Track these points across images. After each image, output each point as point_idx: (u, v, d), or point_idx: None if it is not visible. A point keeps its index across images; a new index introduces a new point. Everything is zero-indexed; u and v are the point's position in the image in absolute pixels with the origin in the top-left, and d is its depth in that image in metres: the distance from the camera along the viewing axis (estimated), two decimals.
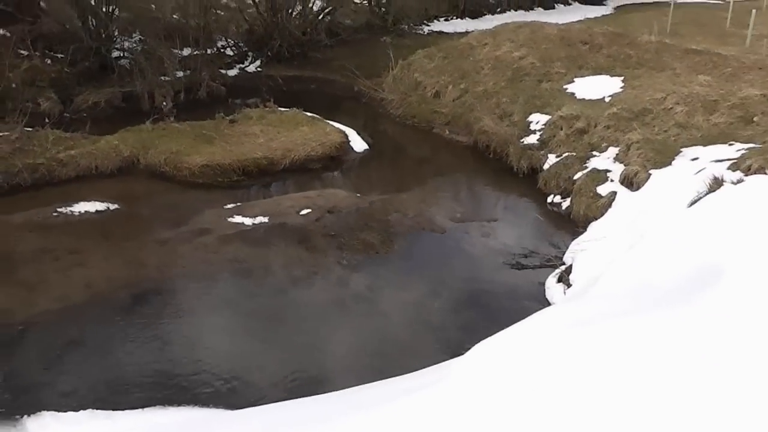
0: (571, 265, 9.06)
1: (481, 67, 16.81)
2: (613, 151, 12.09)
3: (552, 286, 8.98)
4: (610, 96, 14.22)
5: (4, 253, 9.87)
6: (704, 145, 10.80)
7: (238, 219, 11.06)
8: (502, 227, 11.35)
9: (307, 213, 11.32)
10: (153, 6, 19.04)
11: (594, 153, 12.35)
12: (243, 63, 21.53)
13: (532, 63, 16.23)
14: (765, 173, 8.64)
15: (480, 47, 17.78)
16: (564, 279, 8.87)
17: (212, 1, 20.30)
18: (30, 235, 10.48)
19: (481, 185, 13.17)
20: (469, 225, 11.41)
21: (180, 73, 18.99)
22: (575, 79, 15.49)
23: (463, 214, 11.77)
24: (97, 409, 6.76)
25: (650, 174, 10.63)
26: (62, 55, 17.76)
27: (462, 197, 12.53)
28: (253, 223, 10.93)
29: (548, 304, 8.75)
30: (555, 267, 9.77)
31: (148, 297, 8.87)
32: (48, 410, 6.64)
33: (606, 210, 10.79)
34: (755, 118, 11.16)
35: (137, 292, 8.95)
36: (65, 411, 6.67)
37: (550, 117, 14.03)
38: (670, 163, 10.62)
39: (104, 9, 17.42)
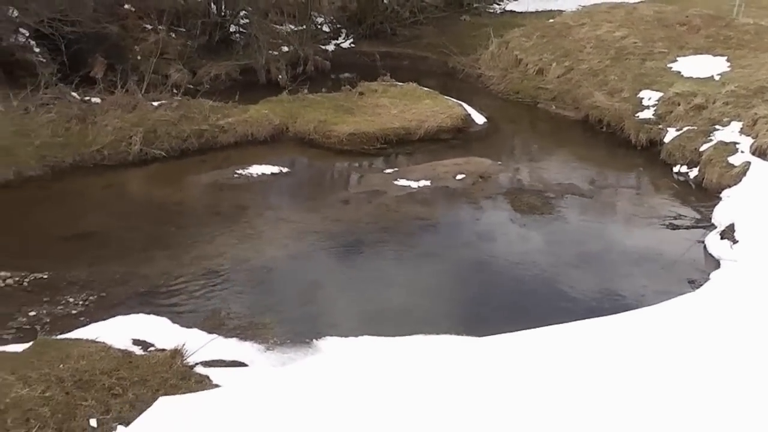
0: (732, 224, 10.13)
1: (583, 46, 17.76)
2: (736, 125, 13.08)
3: (715, 243, 10.04)
4: (719, 74, 15.20)
5: (213, 209, 11.02)
6: None
7: (403, 182, 12.15)
8: (642, 193, 12.44)
9: (463, 178, 12.41)
10: None
11: (716, 127, 13.34)
12: (337, 39, 22.55)
13: (634, 42, 17.18)
14: None
15: (577, 27, 18.72)
16: (728, 236, 9.95)
17: None
18: (223, 194, 11.63)
19: (606, 156, 14.19)
20: (610, 190, 12.51)
21: (285, 48, 20.04)
22: (678, 59, 16.45)
23: (600, 181, 12.84)
24: (363, 335, 7.85)
25: None
26: (183, 30, 18.75)
27: (593, 166, 13.55)
28: (419, 186, 12.01)
29: (713, 258, 9.85)
30: (705, 228, 10.82)
31: (356, 247, 9.97)
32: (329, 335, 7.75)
33: (740, 178, 11.81)
34: None
35: (346, 242, 10.05)
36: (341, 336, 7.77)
37: (662, 94, 15.00)
38: None
39: None
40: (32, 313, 7.95)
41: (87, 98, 14.25)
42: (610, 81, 16.26)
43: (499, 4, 27.05)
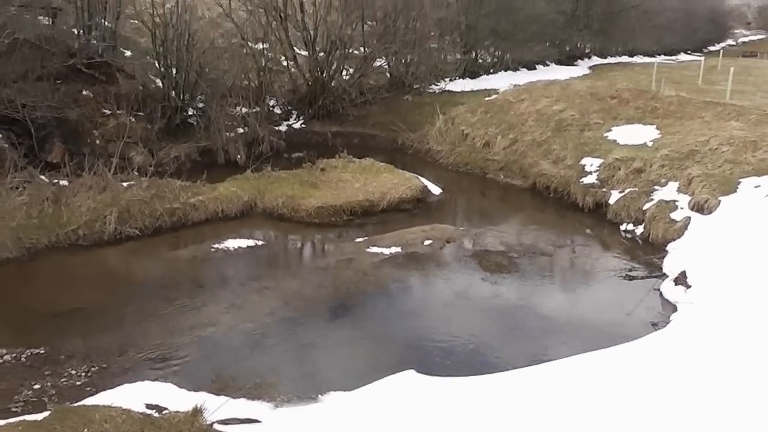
0: (684, 271, 11.11)
1: (525, 119, 19.13)
2: (673, 185, 14.35)
3: (670, 290, 10.97)
4: (651, 141, 16.65)
5: (196, 282, 11.36)
6: (759, 176, 13.18)
7: (375, 249, 12.76)
8: (596, 250, 13.42)
9: (431, 243, 13.14)
10: (215, 69, 20.66)
11: (656, 187, 14.59)
12: (288, 120, 23.47)
13: (572, 115, 18.64)
14: None
15: (518, 102, 20.16)
16: (681, 282, 10.90)
17: (267, 63, 22.20)
18: (204, 267, 11.99)
19: (557, 219, 15.22)
20: (567, 249, 13.44)
21: (240, 130, 20.76)
22: (613, 128, 17.93)
23: (556, 241, 13.77)
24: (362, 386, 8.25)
25: (719, 200, 12.88)
26: (142, 114, 19.25)
27: (547, 228, 14.51)
28: (390, 253, 12.64)
29: (669, 303, 10.76)
30: (657, 277, 11.78)
31: (341, 309, 10.46)
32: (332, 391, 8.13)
33: (683, 232, 12.93)
34: None
35: (331, 306, 10.54)
36: (345, 390, 8.16)
37: (603, 160, 16.30)
38: (735, 191, 12.93)
39: (185, 75, 18.99)
40: (37, 386, 8.07)
41: (55, 181, 14.49)
42: (554, 150, 17.53)
43: (437, 85, 28.65)
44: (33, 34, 15.39)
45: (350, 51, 23.95)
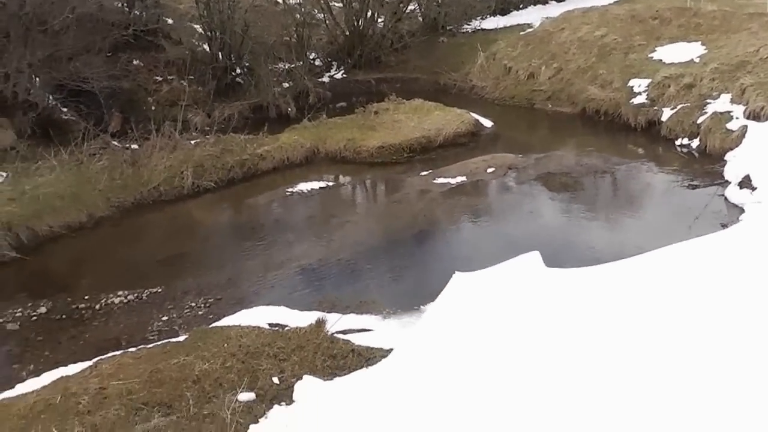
0: (748, 175, 11.49)
1: (568, 48, 19.30)
2: (726, 96, 14.56)
3: (735, 194, 11.36)
4: (698, 57, 16.76)
5: (280, 222, 12.08)
6: None
7: (441, 180, 13.29)
8: (656, 164, 13.78)
9: (494, 171, 13.62)
10: (257, 27, 21.08)
11: (708, 101, 14.81)
12: (330, 71, 23.87)
13: (615, 39, 18.76)
14: None
15: (558, 32, 20.29)
16: (746, 185, 11.29)
17: (304, 18, 22.56)
18: (284, 209, 12.67)
19: (611, 140, 15.56)
20: (628, 165, 13.81)
21: (286, 84, 21.26)
22: (657, 49, 18.02)
23: (615, 160, 14.15)
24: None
25: None
26: (192, 77, 19.82)
27: (603, 149, 14.87)
28: (457, 182, 13.16)
29: (736, 206, 11.16)
30: (720, 185, 12.15)
31: (423, 234, 11.08)
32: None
33: (741, 140, 13.21)
34: None
35: (413, 232, 11.16)
36: None
37: (651, 79, 16.50)
38: None
39: (231, 36, 19.49)
40: (165, 318, 8.84)
41: (127, 146, 15.21)
42: (600, 75, 17.74)
43: (469, 24, 28.70)
44: (93, 8, 15.92)
45: None
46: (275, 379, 6.74)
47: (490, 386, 3.58)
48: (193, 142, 15.27)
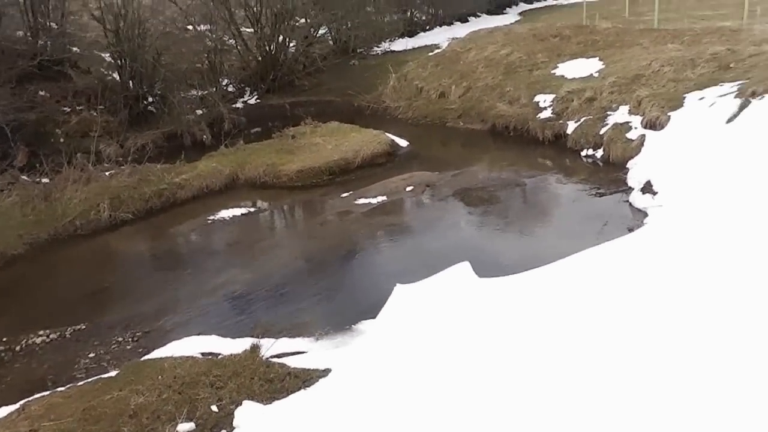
0: (648, 181, 12.27)
1: (476, 67, 20.05)
2: (624, 108, 15.49)
3: (639, 199, 12.10)
4: (597, 72, 17.77)
5: (205, 250, 12.00)
6: (701, 89, 14.40)
7: (363, 201, 13.55)
8: (565, 175, 14.47)
9: (412, 189, 13.99)
10: (168, 54, 20.91)
11: (609, 113, 15.71)
12: (243, 97, 23.89)
13: (519, 57, 19.64)
14: (764, 96, 12.21)
15: (465, 52, 21.06)
16: (648, 191, 12.06)
17: (218, 44, 22.52)
18: (208, 237, 12.60)
19: (521, 154, 16.23)
20: (539, 177, 14.45)
21: (199, 111, 21.16)
22: (559, 65, 18.99)
23: (526, 172, 14.79)
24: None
25: (669, 116, 14.06)
26: (102, 107, 19.44)
27: (515, 163, 15.51)
28: (378, 201, 13.45)
29: (640, 210, 11.89)
30: (624, 191, 12.92)
31: (349, 254, 11.24)
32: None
33: (640, 149, 14.08)
34: (731, 65, 14.91)
35: (339, 253, 11.30)
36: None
37: (555, 94, 17.36)
38: (682, 105, 14.11)
39: (142, 63, 19.25)
40: (92, 355, 8.67)
41: (37, 180, 14.78)
42: (507, 92, 18.52)
43: (379, 47, 29.35)
44: None
45: (294, 23, 24.41)
46: (214, 408, 6.75)
47: (432, 398, 3.78)
48: (107, 173, 15.03)
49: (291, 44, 24.62)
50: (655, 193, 11.91)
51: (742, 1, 21.41)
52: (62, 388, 7.43)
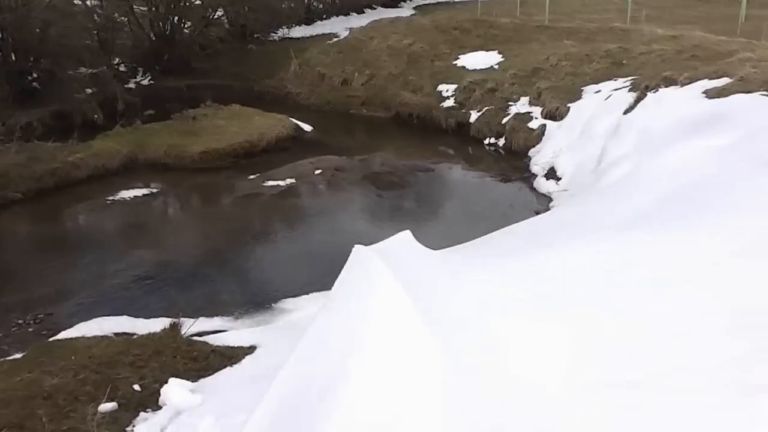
0: (552, 167, 12.79)
1: (379, 56, 20.16)
2: (525, 99, 16.07)
3: (543, 184, 12.61)
4: (497, 64, 18.32)
5: (107, 231, 11.43)
6: (596, 83, 15.16)
7: (271, 183, 13.33)
8: (470, 162, 14.85)
9: (321, 172, 13.91)
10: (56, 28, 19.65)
11: (510, 104, 16.25)
12: (135, 77, 22.85)
13: (422, 47, 19.92)
14: (658, 90, 13.03)
15: (368, 40, 21.12)
16: (552, 176, 12.58)
17: (109, 21, 21.40)
18: (108, 217, 11.99)
19: (427, 140, 16.50)
20: (445, 163, 14.76)
21: (89, 90, 20.06)
22: (460, 56, 19.42)
23: (432, 159, 15.05)
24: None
25: (568, 107, 14.72)
26: None
27: (420, 149, 15.75)
28: (287, 184, 13.28)
29: (544, 195, 12.39)
30: (527, 178, 13.42)
31: (261, 234, 11.08)
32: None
33: (540, 138, 14.68)
34: (624, 62, 15.77)
35: (251, 233, 11.10)
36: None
37: (457, 85, 17.76)
38: (580, 97, 14.80)
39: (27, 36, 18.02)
40: None
41: None
42: (411, 81, 18.75)
43: (276, 33, 28.87)
44: None
45: (189, 3, 23.59)
46: (136, 387, 6.43)
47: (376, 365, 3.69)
48: None
49: (187, 25, 23.77)
50: (558, 179, 12.42)
51: (625, 7, 22.66)
52: None
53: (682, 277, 3.27)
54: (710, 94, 11.29)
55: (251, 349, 7.22)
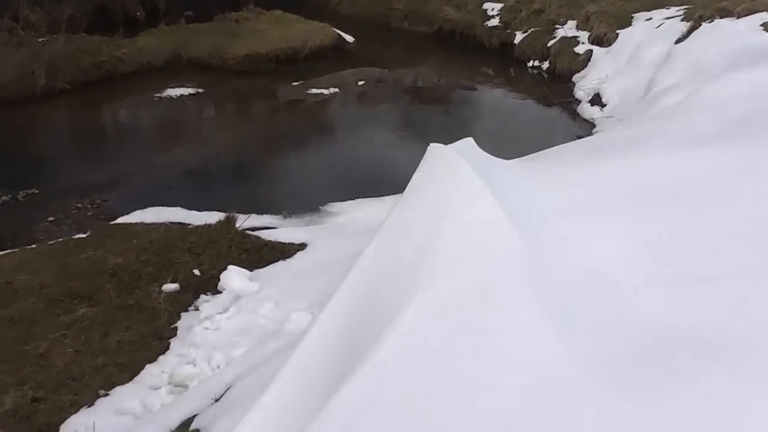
0: (597, 93, 12.72)
1: None
2: (572, 23, 15.77)
3: (587, 110, 12.57)
4: None
5: (155, 125, 11.65)
6: (648, 11, 14.84)
7: (315, 91, 13.40)
8: (513, 83, 14.77)
9: (364, 83, 13.93)
10: None
11: (556, 26, 15.97)
12: None
13: None
14: (713, 20, 12.77)
15: None
16: (597, 102, 12.53)
17: None
18: (154, 112, 12.20)
19: (469, 59, 16.36)
20: (489, 82, 14.71)
21: None
22: None
23: (475, 77, 14.97)
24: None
25: (617, 33, 14.46)
26: None
27: (463, 67, 15.64)
28: (330, 92, 13.34)
29: (585, 120, 12.37)
30: (572, 102, 13.35)
31: (307, 140, 11.21)
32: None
33: (586, 64, 14.50)
34: None
35: (296, 138, 11.26)
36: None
37: (503, 4, 17.44)
38: (630, 24, 14.51)
39: None
40: (50, 219, 8.40)
41: None
42: None
43: None
44: None
45: None
46: (196, 272, 6.76)
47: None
48: (40, 39, 14.05)
49: None
50: (603, 105, 12.37)
51: None
52: (30, 247, 7.20)
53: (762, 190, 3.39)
54: None
55: (302, 246, 7.49)
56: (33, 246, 7.20)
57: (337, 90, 13.42)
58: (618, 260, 3.25)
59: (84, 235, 7.37)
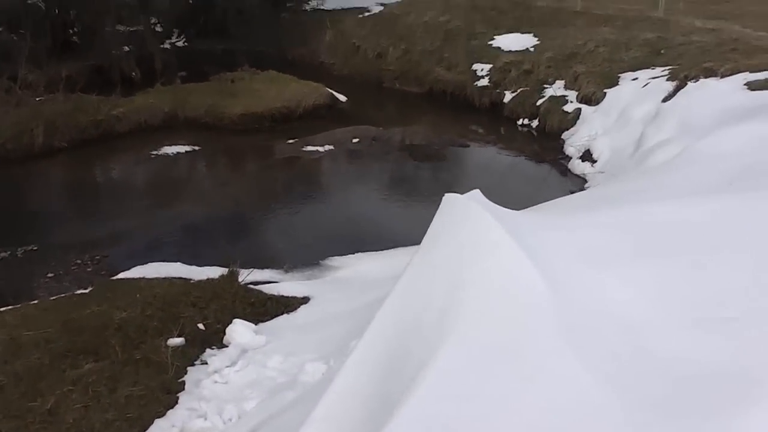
0: (588, 149, 13.00)
1: (414, 31, 20.30)
2: (561, 82, 16.21)
3: (578, 165, 12.82)
4: (532, 47, 18.42)
5: (152, 183, 11.70)
6: (633, 71, 15.30)
7: (310, 148, 13.59)
8: (504, 141, 15.06)
9: (359, 141, 14.15)
10: None
11: (545, 86, 16.40)
12: (170, 38, 23.06)
13: (458, 25, 20.03)
14: (698, 80, 13.19)
15: (404, 15, 21.25)
16: (587, 158, 12.79)
17: None
18: (151, 170, 12.29)
19: (460, 118, 16.71)
20: (481, 140, 15.00)
21: (126, 48, 20.29)
22: (495, 37, 19.50)
23: (467, 135, 15.27)
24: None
25: (605, 92, 14.88)
26: (23, 31, 18.27)
27: (454, 125, 15.97)
28: (326, 150, 13.53)
29: (579, 177, 12.61)
30: (562, 159, 13.62)
31: (302, 197, 11.32)
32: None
33: (575, 122, 14.85)
34: (662, 51, 15.88)
35: (293, 194, 11.37)
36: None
37: (492, 65, 17.91)
38: (617, 83, 14.95)
39: None
40: (50, 275, 8.37)
41: None
42: (446, 58, 18.90)
43: (308, 4, 28.95)
44: None
45: None
46: (200, 326, 6.74)
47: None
48: (38, 98, 14.23)
49: None
50: (594, 161, 12.63)
51: None
52: (33, 302, 7.17)
53: None
54: (753, 86, 11.46)
55: (305, 300, 7.51)
56: (35, 301, 7.15)
57: (332, 147, 13.61)
58: (642, 304, 3.33)
59: (87, 291, 7.35)
